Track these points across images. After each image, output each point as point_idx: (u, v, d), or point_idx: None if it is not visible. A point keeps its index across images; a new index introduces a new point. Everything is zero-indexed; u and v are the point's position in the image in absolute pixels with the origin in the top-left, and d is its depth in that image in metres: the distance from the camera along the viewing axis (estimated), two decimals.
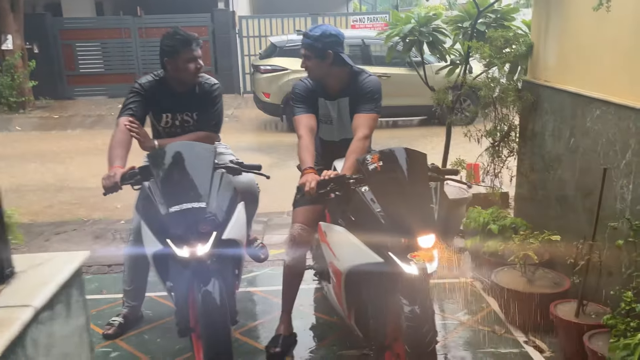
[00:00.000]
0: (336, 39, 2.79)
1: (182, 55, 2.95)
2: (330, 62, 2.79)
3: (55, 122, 11.45)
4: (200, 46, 3.05)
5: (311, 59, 2.82)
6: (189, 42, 2.96)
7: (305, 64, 2.86)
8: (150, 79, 3.09)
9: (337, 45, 2.80)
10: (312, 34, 2.79)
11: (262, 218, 5.38)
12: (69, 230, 5.14)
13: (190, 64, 2.98)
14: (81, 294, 2.11)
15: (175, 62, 2.96)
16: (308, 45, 2.81)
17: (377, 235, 2.14)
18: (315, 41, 2.77)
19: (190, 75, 3.02)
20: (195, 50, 2.99)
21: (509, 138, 3.95)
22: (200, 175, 2.48)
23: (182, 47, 2.95)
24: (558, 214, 3.43)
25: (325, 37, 2.77)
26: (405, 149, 2.33)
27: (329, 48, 2.77)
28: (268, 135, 10.12)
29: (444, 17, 4.56)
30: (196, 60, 3.00)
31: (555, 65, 3.46)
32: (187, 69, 2.98)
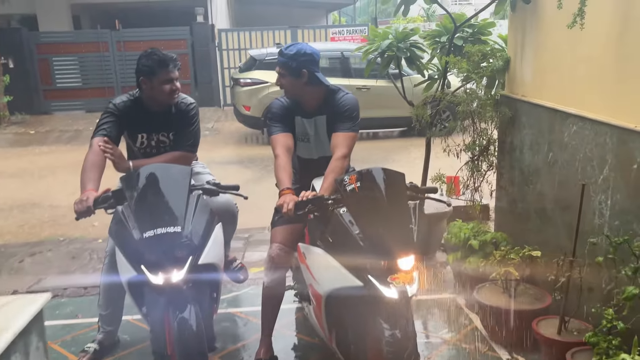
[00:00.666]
0: (311, 57, 2.77)
1: (158, 76, 2.90)
2: (305, 81, 2.77)
3: (31, 138, 11.25)
4: (178, 67, 2.99)
5: (285, 77, 2.79)
6: (166, 63, 2.91)
7: (280, 82, 2.84)
8: (124, 99, 3.02)
9: (312, 64, 2.77)
10: (287, 52, 2.76)
11: (243, 234, 5.31)
12: (44, 251, 5.01)
13: (166, 86, 2.92)
14: (41, 339, 2.00)
15: (151, 83, 2.91)
16: (282, 64, 2.78)
17: (356, 257, 2.10)
18: (290, 60, 2.74)
19: (166, 96, 2.96)
20: (172, 72, 2.93)
21: (487, 152, 3.95)
22: (175, 198, 2.42)
23: (158, 67, 2.90)
24: (538, 228, 3.43)
25: (299, 56, 2.74)
26: (383, 169, 2.30)
27: (304, 67, 2.74)
28: (249, 148, 10.06)
29: (422, 32, 4.57)
30: (172, 81, 2.94)
31: (532, 80, 3.49)
32: (162, 90, 2.92)
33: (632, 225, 2.47)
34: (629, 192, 2.48)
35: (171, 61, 2.94)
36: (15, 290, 4.10)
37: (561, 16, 2.89)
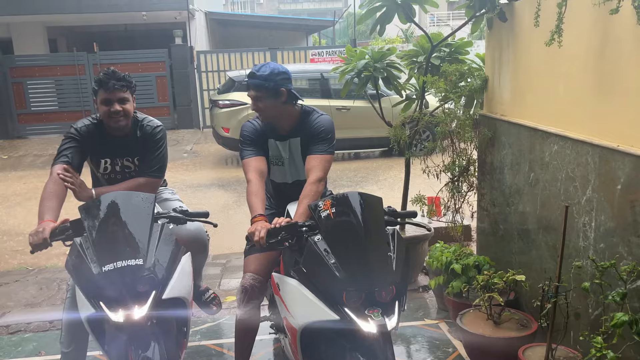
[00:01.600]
0: (286, 75, 2.65)
1: (100, 95, 2.78)
2: (284, 100, 2.65)
3: (4, 163, 10.97)
4: (126, 88, 2.81)
5: (263, 99, 2.64)
6: (104, 82, 2.75)
7: (256, 106, 2.67)
8: (87, 122, 2.88)
9: (288, 82, 2.66)
10: (261, 73, 2.62)
11: (221, 260, 5.16)
12: (11, 282, 4.78)
13: (103, 107, 2.78)
14: None
15: (96, 103, 2.80)
16: (258, 86, 2.62)
17: (331, 289, 1.97)
18: (266, 80, 2.60)
19: (106, 118, 2.80)
20: (113, 92, 2.76)
21: (467, 172, 3.88)
22: (137, 228, 2.27)
23: (98, 86, 2.77)
24: (521, 250, 3.34)
25: (275, 75, 2.61)
26: (360, 193, 2.19)
27: (282, 86, 2.62)
28: (228, 170, 9.92)
29: (399, 51, 4.52)
30: (112, 103, 2.77)
31: (511, 99, 3.43)
32: (102, 111, 2.79)
33: (618, 247, 2.38)
34: (614, 213, 2.40)
35: (112, 80, 2.77)
36: None
37: (539, 34, 2.84)
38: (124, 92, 2.79)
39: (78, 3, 14.07)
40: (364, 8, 3.82)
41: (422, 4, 3.78)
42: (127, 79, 2.83)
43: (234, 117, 9.68)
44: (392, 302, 1.98)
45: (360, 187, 7.83)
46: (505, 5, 3.32)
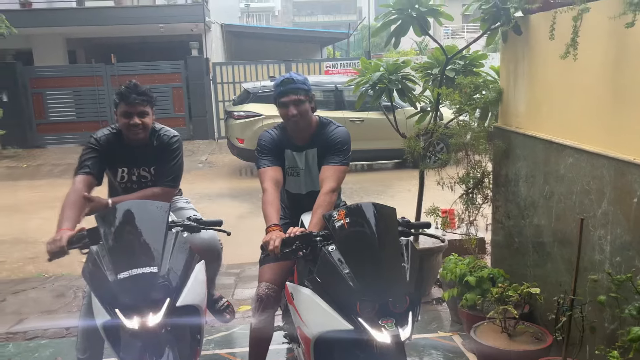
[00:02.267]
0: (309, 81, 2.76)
1: (120, 108, 2.84)
2: (313, 107, 2.74)
3: (23, 172, 11.15)
4: (146, 102, 2.87)
5: (302, 103, 2.67)
6: (126, 95, 2.82)
7: (292, 112, 2.66)
8: (106, 132, 2.94)
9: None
10: (298, 77, 2.69)
11: (234, 270, 5.18)
12: (28, 289, 4.84)
13: (123, 119, 2.84)
14: None
15: (116, 114, 2.86)
16: (298, 89, 2.65)
17: (345, 298, 1.98)
18: (304, 84, 2.68)
19: (125, 130, 2.87)
20: (133, 106, 2.82)
21: (482, 185, 3.87)
22: (152, 236, 2.30)
23: (119, 99, 2.84)
24: (536, 263, 3.32)
25: (306, 80, 2.72)
26: (374, 203, 2.20)
27: (311, 90, 2.72)
28: (242, 181, 9.98)
29: (413, 64, 4.54)
30: (131, 116, 2.83)
31: (526, 111, 3.43)
32: (121, 123, 2.85)
33: (634, 261, 2.37)
34: (630, 226, 2.39)
35: (133, 94, 2.83)
36: None
37: (554, 47, 2.85)
38: (144, 106, 2.86)
39: (97, 16, 14.36)
40: (379, 21, 3.85)
41: (437, 17, 3.80)
42: (148, 93, 2.90)
43: (249, 128, 9.76)
44: (405, 312, 1.98)
45: (373, 198, 7.83)
46: (521, 19, 3.34)
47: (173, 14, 14.70)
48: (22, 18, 13.33)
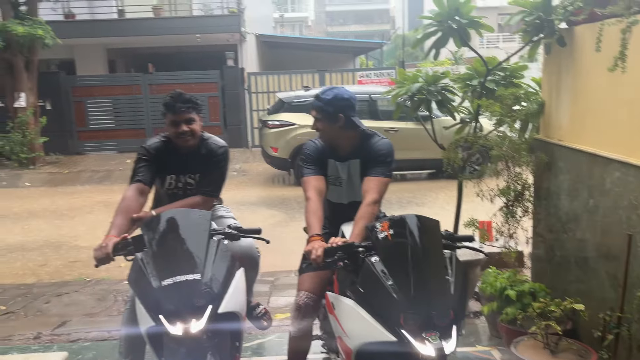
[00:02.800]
0: (348, 102, 2.73)
1: (168, 118, 2.92)
2: (341, 126, 2.73)
3: (64, 178, 11.49)
4: (192, 109, 2.95)
5: (321, 121, 2.75)
6: (172, 104, 2.91)
7: (315, 126, 2.80)
8: (156, 140, 3.04)
9: (349, 109, 2.73)
10: (324, 97, 2.73)
11: (269, 278, 5.22)
12: (71, 292, 4.99)
13: (172, 127, 2.92)
14: None
15: (165, 122, 2.94)
16: (319, 108, 2.75)
17: (389, 310, 1.98)
18: (327, 105, 2.71)
19: (175, 138, 2.95)
20: (180, 114, 2.91)
21: (523, 197, 3.82)
22: (195, 244, 2.35)
23: (167, 108, 2.92)
24: (579, 278, 3.25)
25: (336, 101, 2.71)
26: (417, 215, 2.20)
27: (340, 112, 2.70)
28: (276, 189, 10.07)
29: (452, 74, 4.53)
30: (179, 124, 2.91)
31: (569, 124, 3.38)
32: (171, 132, 2.93)
33: None
34: None
35: (179, 103, 2.91)
36: (40, 332, 4.06)
37: (600, 59, 2.81)
38: (190, 113, 2.94)
39: (137, 26, 14.75)
40: (419, 33, 3.85)
41: (477, 29, 3.79)
42: (193, 100, 2.98)
43: (283, 138, 9.86)
44: (449, 326, 1.97)
45: (409, 208, 7.79)
46: (565, 30, 3.30)
47: (210, 24, 14.99)
48: (66, 29, 13.80)
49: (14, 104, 11.81)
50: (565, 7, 3.16)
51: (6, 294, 4.95)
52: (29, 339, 3.98)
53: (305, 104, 10.08)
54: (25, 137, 11.77)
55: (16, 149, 11.75)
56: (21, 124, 11.72)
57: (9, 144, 11.74)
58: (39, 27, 11.37)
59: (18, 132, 11.73)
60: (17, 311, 4.52)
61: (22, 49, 11.53)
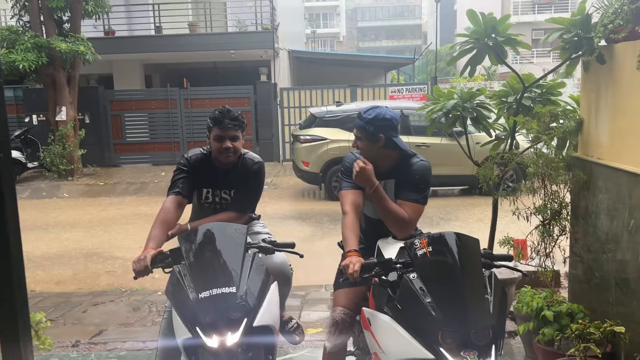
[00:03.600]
0: (389, 123, 2.71)
1: (213, 132, 2.97)
2: (381, 146, 2.71)
3: (101, 189, 11.79)
4: (238, 127, 2.99)
5: (362, 140, 2.74)
6: (220, 120, 2.95)
7: (356, 144, 2.79)
8: (197, 152, 3.10)
9: (391, 130, 2.71)
10: (365, 116, 2.72)
11: (300, 292, 5.23)
12: (107, 302, 5.10)
13: (216, 143, 2.96)
14: None
15: (209, 138, 2.99)
16: (360, 127, 2.73)
17: (427, 328, 1.98)
18: (368, 124, 2.70)
19: (217, 153, 2.99)
20: (226, 130, 2.94)
21: (560, 216, 3.76)
22: (231, 257, 2.39)
23: (213, 123, 2.97)
24: (619, 300, 3.17)
25: (377, 121, 2.69)
26: (456, 233, 2.20)
27: (381, 132, 2.68)
28: (306, 203, 10.12)
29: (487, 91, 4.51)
30: (224, 140, 2.95)
31: (609, 142, 3.32)
32: (215, 147, 2.97)
33: None
34: None
35: (227, 119, 2.95)
36: (78, 340, 4.16)
37: None
38: (236, 130, 2.98)
39: (173, 42, 15.15)
40: (454, 50, 3.87)
41: (514, 46, 3.78)
42: (240, 118, 3.02)
43: (314, 152, 9.93)
44: (488, 345, 1.96)
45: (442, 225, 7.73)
46: (604, 48, 3.26)
47: (244, 40, 15.28)
48: (105, 45, 14.26)
49: (56, 117, 12.23)
50: (605, 24, 3.13)
51: (46, 301, 5.10)
52: (67, 346, 4.08)
53: (337, 119, 10.16)
54: (65, 150, 12.16)
55: (56, 160, 12.13)
56: (61, 137, 12.12)
57: (49, 156, 12.14)
58: (80, 44, 11.79)
59: (58, 144, 12.12)
60: (57, 319, 4.64)
61: (64, 65, 11.97)
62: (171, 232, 2.83)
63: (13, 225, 1.23)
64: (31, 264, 6.42)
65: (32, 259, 6.59)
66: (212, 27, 16.48)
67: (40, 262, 6.58)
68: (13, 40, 11.50)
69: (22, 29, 12.09)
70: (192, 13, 16.64)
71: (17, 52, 11.24)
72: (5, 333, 1.25)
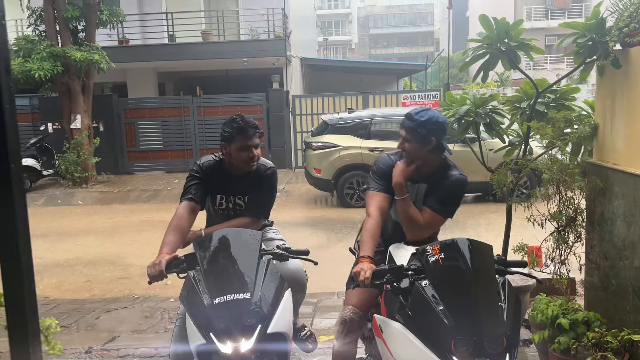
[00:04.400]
0: (442, 126, 2.67)
1: (236, 143, 2.95)
2: (430, 149, 2.67)
3: (114, 197, 11.87)
4: (259, 135, 2.99)
5: (411, 142, 2.67)
6: (245, 129, 2.94)
7: (402, 146, 2.72)
8: (210, 159, 3.10)
9: (441, 133, 2.67)
10: (417, 117, 2.65)
11: (312, 299, 5.21)
12: (120, 308, 5.11)
13: (243, 152, 2.95)
14: None
15: (230, 148, 2.97)
16: (410, 129, 2.66)
17: (439, 336, 1.96)
18: (420, 126, 2.63)
19: (243, 163, 2.99)
20: (251, 139, 2.95)
21: (575, 222, 3.70)
22: (245, 263, 2.38)
23: (237, 134, 2.95)
24: (637, 308, 3.11)
25: (430, 124, 2.63)
26: (469, 239, 2.17)
27: (433, 135, 2.64)
28: (319, 210, 10.10)
29: (501, 97, 4.47)
30: (250, 149, 2.95)
31: (625, 148, 3.28)
32: (240, 157, 2.96)
33: None
34: None
35: (250, 127, 2.95)
36: (91, 347, 4.18)
37: None
38: (259, 138, 2.99)
39: (186, 50, 15.28)
40: (467, 56, 3.84)
41: (527, 51, 3.75)
42: (259, 126, 3.03)
43: (326, 159, 9.92)
44: (502, 354, 1.92)
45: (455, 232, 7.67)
46: (619, 52, 3.22)
47: (256, 48, 15.36)
48: (120, 54, 14.43)
49: (71, 125, 12.37)
50: (620, 28, 3.09)
51: (60, 308, 5.12)
52: (80, 353, 4.09)
53: (349, 125, 10.15)
54: (80, 157, 12.28)
55: (70, 168, 12.25)
56: (76, 145, 12.25)
57: (64, 164, 12.26)
58: (95, 53, 11.93)
59: (73, 152, 12.25)
60: (70, 325, 4.66)
61: (79, 73, 12.12)
62: (186, 239, 2.82)
63: (23, 233, 1.24)
64: (45, 271, 6.48)
65: (47, 266, 6.65)
66: (225, 35, 16.59)
67: (55, 269, 6.63)
68: (29, 50, 11.67)
69: (38, 38, 12.27)
70: (205, 21, 16.78)
71: (33, 61, 11.40)
72: (14, 338, 1.26)
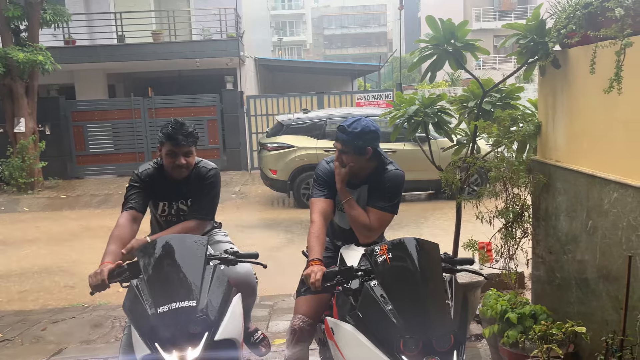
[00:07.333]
0: (376, 134, 2.66)
1: (165, 147, 2.90)
2: (368, 158, 2.67)
3: (63, 202, 11.47)
4: (192, 143, 2.92)
5: (348, 154, 2.66)
6: (173, 136, 2.86)
7: (340, 159, 2.69)
8: (148, 167, 3.02)
9: (376, 140, 2.67)
10: (351, 130, 2.63)
11: (268, 302, 5.18)
12: (67, 319, 4.94)
13: (169, 159, 2.89)
14: None
15: (161, 152, 2.92)
16: (346, 142, 2.64)
17: (388, 335, 1.96)
18: (355, 138, 2.61)
19: (170, 169, 2.92)
20: (179, 146, 2.87)
21: (522, 219, 3.81)
22: (190, 270, 2.33)
23: (166, 139, 2.88)
24: (580, 300, 3.22)
25: (364, 134, 2.62)
26: (416, 239, 2.19)
27: (369, 144, 2.63)
28: (275, 211, 10.05)
29: (449, 97, 4.55)
30: (177, 155, 2.88)
31: (566, 145, 3.39)
32: (167, 162, 2.91)
33: None
34: None
35: (180, 135, 2.86)
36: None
37: (595, 80, 2.83)
38: (190, 146, 2.92)
39: (136, 51, 14.91)
40: (415, 57, 3.89)
41: (473, 52, 3.82)
42: (194, 134, 2.95)
43: (282, 160, 9.89)
44: (450, 351, 1.95)
45: (407, 230, 7.77)
46: (559, 52, 3.33)
47: (209, 48, 15.15)
48: (66, 54, 13.95)
49: (14, 129, 11.86)
50: (558, 29, 3.19)
51: (2, 320, 4.90)
52: None
53: (304, 126, 10.16)
54: (25, 162, 11.81)
55: (15, 174, 11.76)
56: (21, 149, 11.76)
57: (8, 169, 11.75)
58: (39, 53, 11.49)
59: (17, 157, 11.76)
60: (14, 339, 4.47)
61: (22, 75, 11.65)
62: (125, 250, 2.68)
63: None
64: None
65: None
66: (177, 35, 16.29)
67: None
68: None
69: None
70: (156, 21, 16.43)
71: None
72: None
